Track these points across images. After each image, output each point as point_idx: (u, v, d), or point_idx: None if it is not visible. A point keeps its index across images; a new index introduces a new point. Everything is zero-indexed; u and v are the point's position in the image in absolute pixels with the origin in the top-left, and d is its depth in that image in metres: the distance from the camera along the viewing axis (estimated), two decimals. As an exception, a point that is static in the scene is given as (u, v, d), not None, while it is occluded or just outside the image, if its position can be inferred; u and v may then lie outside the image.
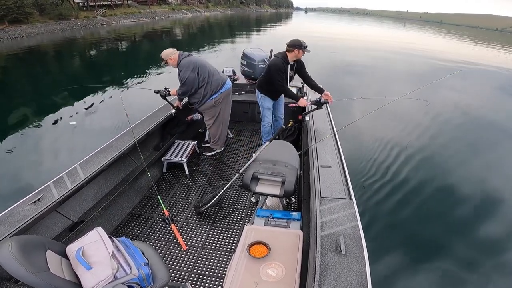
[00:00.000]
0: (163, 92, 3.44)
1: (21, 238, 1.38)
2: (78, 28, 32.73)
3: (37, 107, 7.83)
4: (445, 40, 32.00)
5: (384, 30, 44.27)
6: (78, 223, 2.33)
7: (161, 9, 55.51)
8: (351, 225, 1.68)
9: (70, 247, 1.54)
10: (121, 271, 1.48)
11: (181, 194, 3.14)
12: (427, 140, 5.48)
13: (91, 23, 36.00)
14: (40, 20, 31.88)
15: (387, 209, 3.60)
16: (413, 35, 36.90)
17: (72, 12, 36.00)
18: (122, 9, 46.04)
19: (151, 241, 2.52)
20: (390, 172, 4.35)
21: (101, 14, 40.69)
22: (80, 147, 5.11)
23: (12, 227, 1.77)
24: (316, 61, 11.62)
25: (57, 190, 2.13)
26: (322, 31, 31.85)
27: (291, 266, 1.64)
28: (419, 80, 9.88)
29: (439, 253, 3.05)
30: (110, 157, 2.57)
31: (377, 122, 6.12)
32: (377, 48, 18.67)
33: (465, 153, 5.21)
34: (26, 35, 26.39)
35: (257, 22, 49.32)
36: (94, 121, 6.45)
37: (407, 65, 13.91)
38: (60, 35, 27.49)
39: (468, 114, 7.16)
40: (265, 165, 2.37)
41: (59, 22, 32.76)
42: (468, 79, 10.99)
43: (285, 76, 3.27)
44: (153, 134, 3.36)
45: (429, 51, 19.16)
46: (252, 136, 4.39)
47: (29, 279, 1.22)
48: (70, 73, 12.71)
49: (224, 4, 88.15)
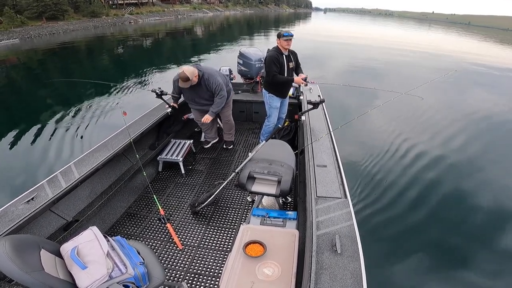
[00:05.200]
0: (158, 91, 3.43)
1: (14, 237, 1.37)
2: (108, 25, 33.89)
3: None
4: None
5: (408, 32, 41.05)
6: (72, 223, 2.31)
7: (183, 8, 57.54)
8: (347, 224, 1.69)
9: (65, 247, 1.52)
10: (116, 271, 1.47)
11: (177, 193, 3.13)
12: (423, 139, 5.52)
13: (119, 20, 37.73)
14: (74, 17, 33.80)
15: (382, 208, 3.63)
16: (439, 37, 35.08)
17: (103, 10, 37.93)
18: (147, 7, 48.26)
19: (147, 240, 2.51)
20: (385, 172, 4.39)
21: (129, 12, 42.81)
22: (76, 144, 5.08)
23: (5, 226, 1.75)
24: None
25: (51, 189, 2.11)
26: (337, 31, 31.55)
27: (287, 265, 1.65)
28: (416, 77, 10.00)
29: (433, 251, 3.09)
30: (105, 156, 2.55)
31: (376, 120, 6.17)
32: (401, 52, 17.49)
33: (465, 152, 5.21)
34: (63, 31, 27.84)
35: (275, 22, 49.53)
36: (91, 119, 6.39)
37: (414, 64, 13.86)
38: (93, 32, 28.42)
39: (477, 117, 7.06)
40: (261, 164, 2.37)
41: (92, 20, 34.70)
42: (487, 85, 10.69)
43: (281, 66, 3.31)
44: (148, 133, 3.35)
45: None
46: (249, 135, 4.39)
47: (23, 278, 1.20)
48: (100, 68, 13.12)
49: (243, 4, 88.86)
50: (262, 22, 47.19)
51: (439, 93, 8.57)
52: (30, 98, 8.44)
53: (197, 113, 3.63)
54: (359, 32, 31.91)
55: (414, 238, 3.26)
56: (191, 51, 17.83)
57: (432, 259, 2.97)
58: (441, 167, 4.63)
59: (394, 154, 4.91)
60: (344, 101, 7.40)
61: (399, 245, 3.16)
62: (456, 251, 3.11)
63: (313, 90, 4.33)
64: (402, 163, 4.65)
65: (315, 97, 3.83)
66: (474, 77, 11.72)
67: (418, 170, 4.49)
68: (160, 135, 3.68)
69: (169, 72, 10.81)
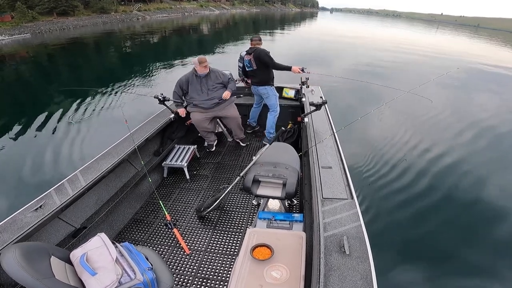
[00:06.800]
0: (161, 97, 3.46)
1: (24, 245, 1.38)
2: (117, 21, 34.84)
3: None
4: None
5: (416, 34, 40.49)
6: (80, 229, 2.32)
7: (190, 5, 58.61)
8: (354, 225, 1.68)
9: (74, 253, 1.54)
10: (125, 277, 1.48)
11: (182, 198, 3.14)
12: (428, 138, 5.48)
13: (128, 17, 38.86)
14: (84, 13, 34.99)
15: (389, 208, 3.60)
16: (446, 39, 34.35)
17: (112, 6, 39.06)
18: (155, 4, 49.29)
19: (154, 246, 2.52)
20: (391, 171, 4.36)
21: (137, 8, 43.95)
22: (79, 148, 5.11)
23: (15, 234, 1.77)
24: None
25: (58, 197, 2.13)
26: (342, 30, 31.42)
27: (295, 267, 1.64)
28: (418, 75, 9.94)
29: (442, 252, 3.05)
30: (110, 164, 2.57)
31: (378, 120, 6.15)
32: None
33: (473, 155, 5.11)
34: (73, 26, 28.81)
35: (281, 21, 49.74)
36: (92, 126, 6.43)
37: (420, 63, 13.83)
38: (102, 27, 29.05)
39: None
40: (266, 168, 2.37)
41: (101, 16, 35.89)
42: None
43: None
44: (152, 139, 3.37)
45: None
46: (252, 139, 4.40)
47: (35, 285, 1.21)
48: (106, 66, 13.35)
49: (250, 2, 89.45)
50: (268, 21, 47.37)
51: (442, 91, 8.54)
52: (30, 103, 8.49)
53: (197, 114, 3.65)
54: (367, 33, 31.72)
55: (426, 238, 3.22)
56: (197, 50, 17.92)
57: (444, 260, 2.93)
58: (450, 165, 4.58)
59: (399, 153, 4.88)
60: (347, 102, 7.40)
61: (409, 245, 3.13)
62: (471, 253, 3.04)
63: (315, 91, 4.34)
64: (407, 162, 4.62)
65: (317, 98, 3.83)
66: (477, 75, 11.67)
67: (424, 169, 4.45)
68: (164, 141, 3.70)
69: (172, 74, 10.77)
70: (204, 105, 3.58)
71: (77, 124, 6.37)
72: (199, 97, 3.55)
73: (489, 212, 3.65)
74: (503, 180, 4.35)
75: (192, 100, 3.60)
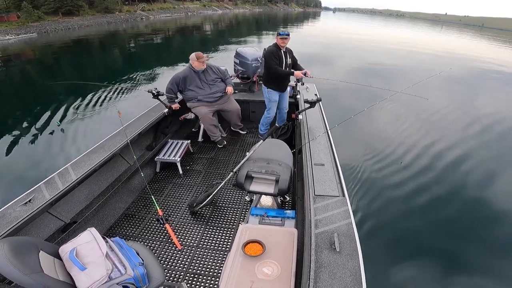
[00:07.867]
0: (155, 92, 3.42)
1: (12, 239, 1.36)
2: (121, 21, 34.89)
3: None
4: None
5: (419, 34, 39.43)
6: (70, 224, 2.30)
7: (193, 5, 58.85)
8: (345, 222, 1.70)
9: (63, 248, 1.52)
10: (115, 272, 1.47)
11: (175, 193, 3.13)
12: (422, 139, 5.54)
13: (132, 17, 39.15)
14: (89, 13, 35.26)
15: (379, 206, 3.65)
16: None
17: (116, 6, 39.31)
18: (158, 4, 49.49)
19: (146, 241, 2.51)
20: (382, 170, 4.42)
21: (141, 8, 44.17)
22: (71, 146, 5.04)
23: (3, 228, 1.74)
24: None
25: (48, 191, 2.10)
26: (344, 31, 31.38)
27: (286, 264, 1.66)
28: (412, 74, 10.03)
29: (430, 249, 3.11)
30: (102, 157, 2.54)
31: (371, 119, 6.20)
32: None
33: (466, 151, 5.20)
34: (78, 26, 29.05)
35: (284, 21, 49.52)
36: (85, 121, 6.36)
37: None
38: (106, 27, 29.10)
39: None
40: (259, 164, 2.38)
41: (105, 15, 36.18)
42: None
43: (280, 60, 3.46)
44: (145, 133, 3.34)
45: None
46: (246, 134, 4.39)
47: (23, 280, 1.20)
48: (108, 65, 13.34)
49: (252, 2, 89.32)
50: (271, 21, 47.15)
51: (435, 90, 8.63)
52: (28, 98, 8.45)
53: (203, 108, 3.65)
54: (369, 34, 31.63)
55: (413, 237, 3.28)
56: (200, 49, 17.71)
57: (431, 256, 2.99)
58: (440, 164, 4.66)
59: (391, 152, 4.94)
60: (341, 100, 7.44)
61: (398, 243, 3.18)
62: (457, 251, 3.12)
63: (309, 89, 4.34)
64: (399, 161, 4.68)
65: (312, 96, 3.84)
66: (469, 74, 11.82)
67: (416, 168, 4.52)
68: (157, 136, 3.67)
69: (171, 71, 10.64)
70: (208, 99, 3.65)
71: (71, 119, 6.31)
72: (202, 92, 3.60)
73: (476, 209, 3.74)
74: (490, 178, 4.44)
75: (195, 95, 3.62)
